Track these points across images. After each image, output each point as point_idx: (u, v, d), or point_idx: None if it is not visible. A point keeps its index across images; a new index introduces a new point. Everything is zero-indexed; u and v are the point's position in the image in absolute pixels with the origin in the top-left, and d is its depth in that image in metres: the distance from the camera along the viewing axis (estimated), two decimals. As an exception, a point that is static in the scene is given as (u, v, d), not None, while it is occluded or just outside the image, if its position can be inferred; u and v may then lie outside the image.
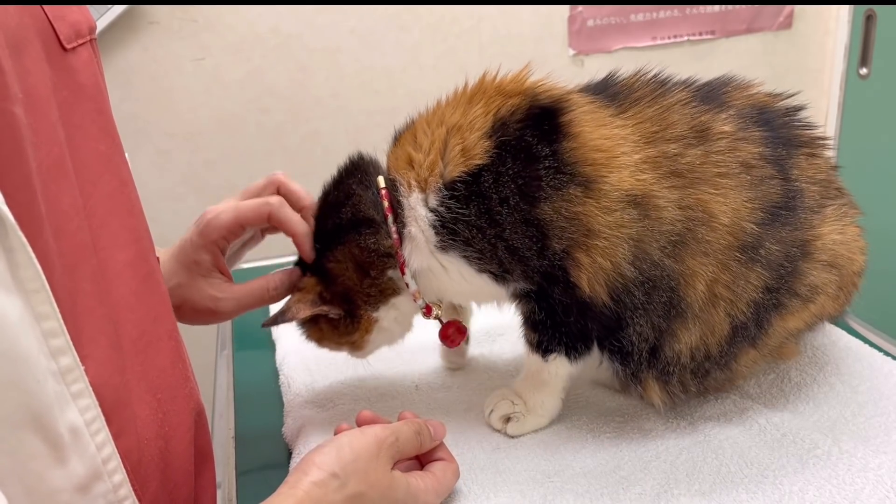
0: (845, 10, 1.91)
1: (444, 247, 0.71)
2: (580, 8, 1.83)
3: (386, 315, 0.77)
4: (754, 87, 0.76)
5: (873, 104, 1.90)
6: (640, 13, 1.87)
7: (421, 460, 0.69)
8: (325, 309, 0.76)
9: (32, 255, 0.46)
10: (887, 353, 0.85)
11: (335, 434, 0.66)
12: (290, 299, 0.76)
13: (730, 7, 1.90)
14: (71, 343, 0.50)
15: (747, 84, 0.76)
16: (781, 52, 1.98)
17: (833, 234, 0.72)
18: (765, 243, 0.69)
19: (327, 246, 0.75)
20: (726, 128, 0.69)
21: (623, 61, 1.93)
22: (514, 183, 0.67)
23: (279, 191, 0.79)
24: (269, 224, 0.77)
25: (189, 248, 0.77)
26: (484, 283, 0.72)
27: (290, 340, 0.99)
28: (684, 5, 1.88)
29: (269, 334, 1.04)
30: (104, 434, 0.53)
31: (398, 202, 0.72)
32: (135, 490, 0.56)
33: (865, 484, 0.65)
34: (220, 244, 0.77)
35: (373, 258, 0.73)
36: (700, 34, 1.92)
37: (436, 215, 0.70)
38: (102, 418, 0.53)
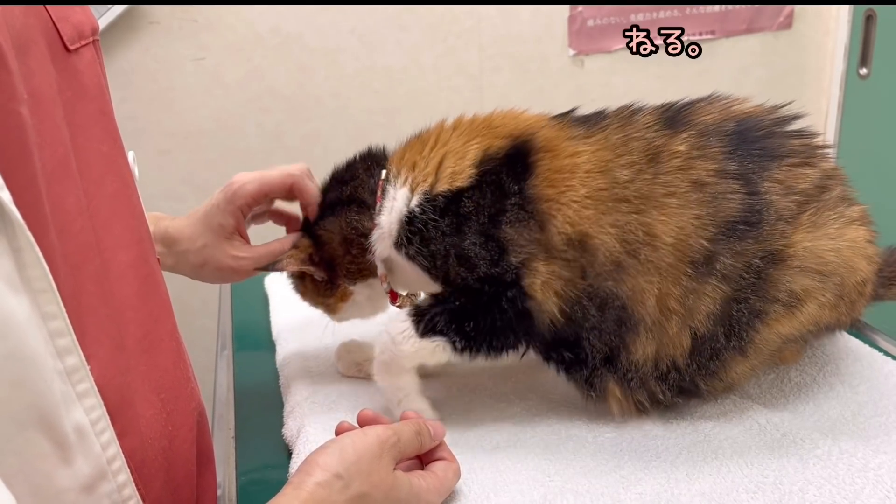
0: (845, 10, 1.91)
1: (398, 244, 0.78)
2: (580, 8, 1.83)
3: (360, 291, 0.85)
4: (738, 102, 0.77)
5: (873, 104, 1.90)
6: (640, 13, 1.87)
7: (422, 460, 0.69)
8: (311, 269, 0.85)
9: (40, 254, 0.46)
10: (887, 353, 0.85)
11: (336, 433, 0.67)
12: (285, 253, 0.85)
13: (730, 7, 1.90)
14: (77, 343, 0.50)
15: (731, 100, 0.77)
16: (781, 52, 1.98)
17: (819, 240, 0.71)
18: (719, 257, 0.70)
19: (323, 215, 0.85)
20: (681, 148, 0.72)
21: (623, 61, 1.93)
22: (485, 209, 0.74)
23: (293, 187, 0.87)
24: (291, 193, 0.87)
25: (215, 212, 0.86)
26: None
27: (290, 341, 0.99)
28: (684, 5, 1.88)
29: (270, 335, 1.05)
30: (109, 434, 0.53)
31: (385, 190, 0.80)
32: (139, 490, 0.57)
33: (865, 484, 0.65)
34: (243, 210, 0.86)
35: (354, 236, 0.82)
36: (700, 34, 1.92)
37: (410, 215, 0.77)
38: (107, 418, 0.53)
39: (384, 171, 0.82)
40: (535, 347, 0.77)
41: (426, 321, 0.77)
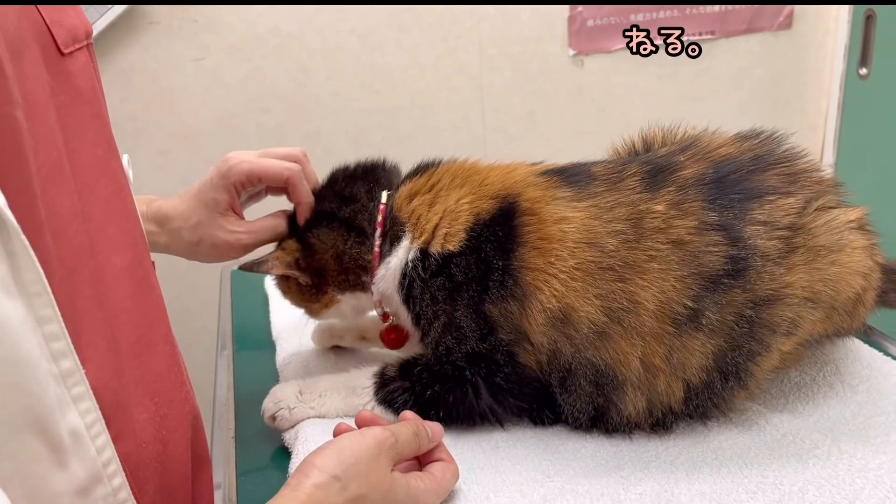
0: (845, 10, 1.91)
1: (399, 289, 0.79)
2: (580, 8, 1.83)
3: (347, 301, 0.85)
4: (718, 145, 0.76)
5: (873, 104, 1.90)
6: (640, 13, 1.87)
7: (420, 461, 0.69)
8: (296, 274, 0.84)
9: (35, 258, 0.46)
10: (887, 353, 0.85)
11: (334, 435, 0.66)
12: (270, 253, 0.85)
13: (730, 7, 1.90)
14: (72, 346, 0.50)
15: (710, 143, 0.76)
16: (781, 52, 1.98)
17: (812, 272, 0.70)
18: (705, 313, 0.70)
19: (319, 223, 0.83)
20: (660, 208, 0.71)
21: (623, 61, 1.93)
22: (471, 281, 0.75)
23: (288, 183, 0.85)
24: (284, 186, 0.85)
25: (209, 188, 0.84)
26: None
27: (290, 341, 0.99)
28: (684, 5, 1.87)
29: (270, 335, 1.05)
30: (104, 437, 0.53)
31: (395, 231, 0.80)
32: (134, 493, 0.56)
33: (865, 484, 0.65)
34: (237, 187, 0.84)
35: (351, 264, 0.82)
36: (700, 34, 1.91)
37: (409, 266, 0.78)
38: (103, 422, 0.53)
39: (385, 194, 0.82)
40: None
41: (386, 393, 0.78)
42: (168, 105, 1.74)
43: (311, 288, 0.85)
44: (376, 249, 0.80)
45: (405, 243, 0.79)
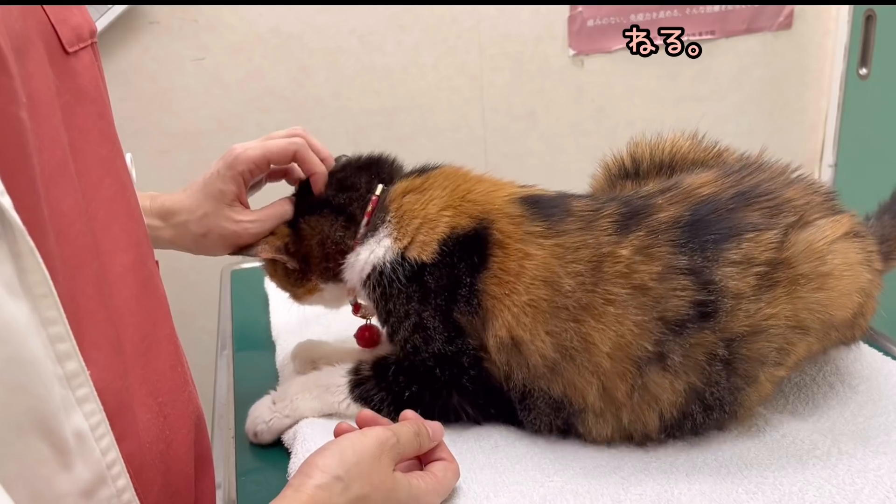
0: (845, 10, 1.91)
1: (364, 284, 0.81)
2: (580, 8, 1.83)
3: (330, 289, 0.87)
4: (699, 180, 0.74)
5: (873, 104, 1.90)
6: (640, 13, 1.86)
7: (421, 460, 0.69)
8: (284, 258, 0.85)
9: (40, 259, 0.46)
10: (887, 353, 0.85)
11: (335, 435, 0.66)
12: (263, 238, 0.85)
13: (730, 7, 1.90)
14: (76, 347, 0.50)
15: (692, 180, 0.75)
16: (781, 52, 1.98)
17: (794, 301, 0.69)
18: (670, 356, 0.69)
19: (312, 210, 0.85)
20: (624, 252, 0.71)
21: (623, 61, 1.93)
22: (441, 290, 0.76)
23: (296, 156, 0.85)
24: (293, 162, 0.86)
25: (216, 179, 0.84)
26: None
27: (290, 341, 0.99)
28: (684, 5, 1.87)
29: (270, 335, 1.05)
30: (108, 438, 0.53)
31: (376, 218, 0.81)
32: (138, 494, 0.56)
33: (865, 484, 0.65)
34: (245, 176, 0.84)
35: (333, 249, 0.83)
36: (700, 34, 1.91)
37: (381, 268, 0.79)
38: (107, 423, 0.53)
39: (380, 187, 0.83)
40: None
41: (362, 391, 0.79)
42: (168, 105, 1.74)
43: (296, 273, 0.86)
44: (359, 238, 0.82)
45: (385, 241, 0.79)
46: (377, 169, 0.86)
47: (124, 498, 0.55)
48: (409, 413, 0.70)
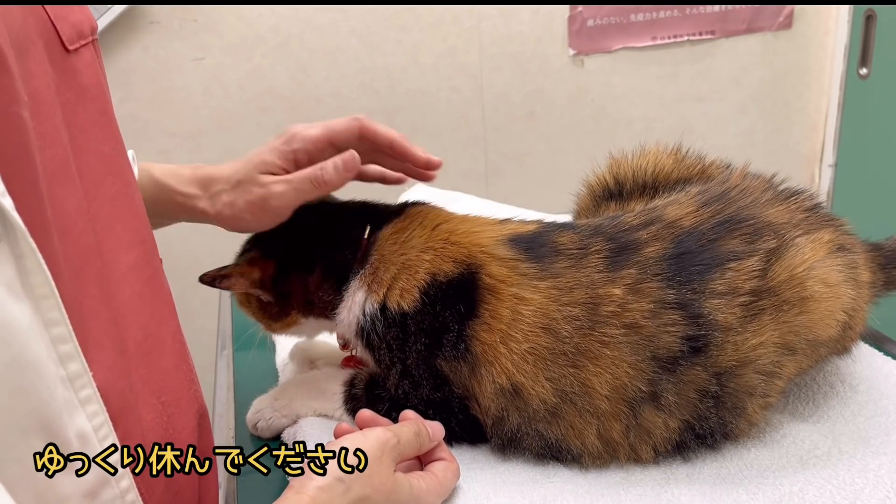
0: (845, 10, 1.91)
1: (357, 335, 0.77)
2: (580, 8, 1.83)
3: (310, 324, 0.83)
4: (680, 211, 0.74)
5: (873, 104, 1.90)
6: (640, 13, 1.87)
7: (421, 460, 0.69)
8: (258, 292, 0.81)
9: (42, 261, 0.46)
10: (887, 353, 0.85)
11: (335, 436, 0.66)
12: (233, 266, 0.80)
13: (730, 7, 1.90)
14: (79, 349, 0.50)
15: (673, 211, 0.74)
16: (781, 52, 1.98)
17: (781, 326, 0.68)
18: (663, 395, 0.68)
19: (303, 251, 0.80)
20: (617, 291, 0.69)
21: (623, 61, 1.94)
22: (425, 337, 0.74)
23: (361, 131, 0.80)
24: (360, 137, 0.79)
25: (264, 151, 0.79)
26: None
27: (290, 341, 0.99)
28: (684, 5, 1.87)
29: (269, 335, 1.04)
30: (112, 439, 0.53)
31: (364, 274, 0.77)
32: (141, 494, 0.56)
33: (865, 484, 0.65)
34: (298, 155, 0.78)
35: (321, 301, 0.79)
36: (700, 34, 1.91)
37: (367, 319, 0.76)
38: (110, 423, 0.53)
39: (367, 229, 0.79)
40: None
41: (355, 406, 0.77)
42: (168, 105, 1.74)
43: (272, 307, 0.82)
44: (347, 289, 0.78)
45: (363, 292, 0.76)
46: (367, 219, 0.81)
47: (128, 499, 0.55)
48: (409, 413, 0.70)
